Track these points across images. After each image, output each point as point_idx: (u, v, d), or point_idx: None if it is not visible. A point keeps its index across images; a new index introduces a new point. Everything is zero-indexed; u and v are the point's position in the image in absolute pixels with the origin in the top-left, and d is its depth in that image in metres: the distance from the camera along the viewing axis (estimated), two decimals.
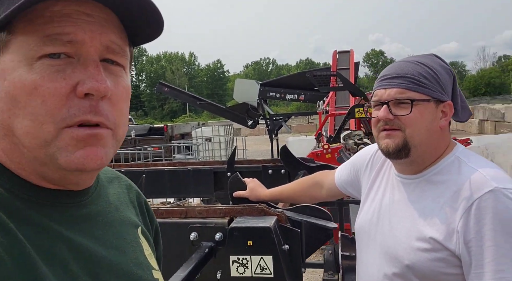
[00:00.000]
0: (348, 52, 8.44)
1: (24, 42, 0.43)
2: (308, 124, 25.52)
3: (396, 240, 0.99)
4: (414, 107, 0.95)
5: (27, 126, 0.44)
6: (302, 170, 2.33)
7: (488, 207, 0.86)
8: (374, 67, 68.93)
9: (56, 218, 0.48)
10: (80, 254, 0.48)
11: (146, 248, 0.61)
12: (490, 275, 0.84)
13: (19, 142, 0.45)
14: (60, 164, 0.46)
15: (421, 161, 1.00)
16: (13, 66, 0.43)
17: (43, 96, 0.43)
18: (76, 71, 0.45)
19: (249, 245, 1.33)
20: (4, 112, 0.45)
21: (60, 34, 0.44)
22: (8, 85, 0.44)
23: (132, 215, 0.62)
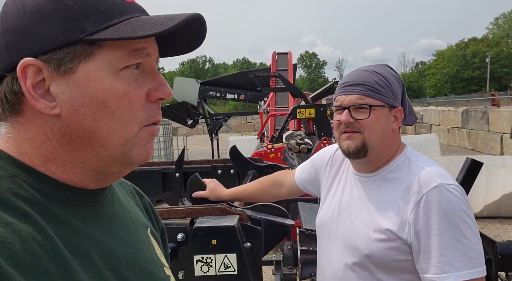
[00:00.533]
0: (287, 53, 8.65)
1: (114, 55, 0.49)
2: (246, 124, 25.79)
3: (356, 232, 1.09)
4: (371, 112, 1.05)
5: (114, 127, 0.50)
6: (252, 170, 2.39)
7: (434, 201, 0.97)
8: (308, 68, 71.65)
9: (80, 216, 0.51)
10: (102, 250, 0.51)
11: (157, 247, 0.64)
12: (435, 259, 0.96)
13: (95, 143, 0.50)
14: (132, 158, 0.53)
15: (377, 160, 1.11)
16: (101, 75, 0.49)
17: (131, 101, 0.50)
18: (146, 80, 0.53)
19: (213, 244, 1.36)
20: (87, 116, 0.49)
21: (141, 49, 0.51)
22: (95, 91, 0.49)
23: (141, 217, 0.65)
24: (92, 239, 0.50)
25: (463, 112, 13.96)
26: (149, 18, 0.50)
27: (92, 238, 0.51)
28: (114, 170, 0.54)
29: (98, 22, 0.48)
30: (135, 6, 0.52)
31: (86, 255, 0.48)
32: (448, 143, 14.64)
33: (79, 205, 0.52)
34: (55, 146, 0.50)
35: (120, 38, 0.48)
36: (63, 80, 0.48)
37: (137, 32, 0.48)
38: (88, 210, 0.53)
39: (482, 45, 49.54)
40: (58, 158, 0.50)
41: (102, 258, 0.50)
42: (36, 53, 0.47)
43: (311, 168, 1.37)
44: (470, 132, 13.31)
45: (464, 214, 0.97)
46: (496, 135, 11.57)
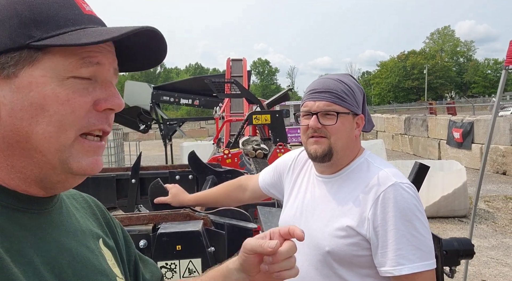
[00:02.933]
0: (241, 60, 8.72)
1: (60, 62, 0.49)
2: (200, 129, 25.51)
3: (318, 230, 1.13)
4: (338, 119, 1.11)
5: (51, 132, 0.49)
6: (210, 175, 2.39)
7: (390, 198, 1.04)
8: (260, 75, 72.61)
9: (24, 223, 0.50)
10: (47, 258, 0.50)
11: (109, 258, 0.63)
12: (391, 253, 1.03)
13: (32, 148, 0.50)
14: (71, 168, 0.52)
15: (340, 163, 1.17)
16: (44, 81, 0.49)
17: (73, 107, 0.50)
18: (97, 89, 0.53)
19: (177, 249, 1.35)
20: (24, 120, 0.49)
21: (90, 57, 0.51)
22: (36, 96, 0.48)
23: (93, 227, 0.64)
24: (36, 247, 0.50)
25: (405, 120, 14.90)
26: (100, 29, 0.51)
27: (36, 246, 0.50)
28: (57, 179, 0.53)
29: (47, 30, 0.49)
30: (92, 18, 0.53)
31: (29, 263, 0.48)
32: (393, 148, 15.53)
33: (24, 212, 0.51)
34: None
35: (64, 45, 0.48)
36: (6, 84, 0.48)
37: (82, 39, 0.48)
38: (34, 217, 0.52)
39: (420, 58, 53.36)
40: (1, 162, 0.50)
41: (47, 266, 0.50)
42: None
43: (274, 172, 1.41)
44: (412, 138, 14.23)
45: (417, 210, 1.05)
46: (435, 141, 12.48)
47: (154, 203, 1.60)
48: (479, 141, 10.02)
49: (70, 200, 0.64)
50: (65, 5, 0.51)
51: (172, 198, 1.56)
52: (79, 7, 0.52)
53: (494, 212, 6.16)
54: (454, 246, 1.54)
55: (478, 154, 9.99)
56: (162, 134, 8.80)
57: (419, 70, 51.78)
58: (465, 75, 54.31)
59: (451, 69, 55.10)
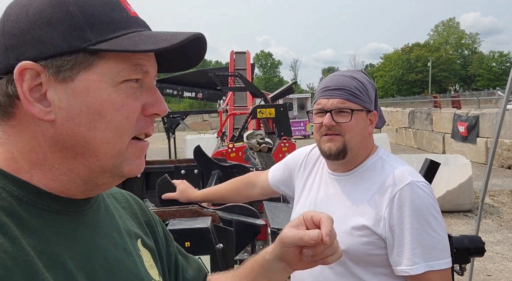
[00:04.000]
0: (245, 53, 8.66)
1: (114, 67, 0.49)
2: (203, 122, 25.51)
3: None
4: (352, 116, 1.10)
5: (108, 137, 0.50)
6: (216, 170, 2.38)
7: (407, 197, 1.03)
8: (263, 68, 72.34)
9: (60, 226, 0.50)
10: (81, 262, 0.49)
11: (147, 259, 0.62)
12: (408, 252, 1.03)
13: (87, 152, 0.50)
14: (123, 171, 0.53)
15: (354, 161, 1.15)
16: (100, 85, 0.49)
17: (128, 112, 0.51)
18: (144, 94, 0.53)
19: (186, 246, 1.34)
20: (82, 125, 0.48)
21: (141, 65, 0.51)
22: (93, 101, 0.48)
23: (132, 227, 0.64)
24: (69, 250, 0.49)
25: (409, 113, 14.82)
26: (152, 34, 0.51)
27: (70, 249, 0.49)
28: (104, 181, 0.53)
29: (101, 33, 0.48)
30: (139, 20, 0.53)
31: (62, 267, 0.47)
32: (396, 142, 15.48)
33: (60, 214, 0.50)
34: (46, 152, 0.49)
35: (122, 50, 0.48)
36: (61, 87, 0.48)
37: (140, 46, 0.48)
38: (69, 219, 0.52)
39: (425, 50, 52.96)
40: (47, 164, 0.49)
41: (81, 270, 0.49)
42: (36, 58, 0.47)
43: (284, 169, 1.39)
44: (416, 132, 14.17)
45: (433, 209, 1.04)
46: (439, 134, 12.42)
47: (162, 199, 1.59)
48: (484, 135, 9.95)
49: (110, 199, 0.64)
50: (114, 7, 0.50)
51: (180, 194, 1.55)
52: (126, 9, 0.52)
53: (499, 207, 6.14)
54: (465, 244, 1.52)
55: (483, 148, 9.93)
56: (165, 127, 8.79)
57: (423, 62, 51.44)
58: (470, 68, 53.92)
59: (456, 62, 54.75)
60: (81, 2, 0.48)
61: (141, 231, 0.65)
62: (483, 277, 3.85)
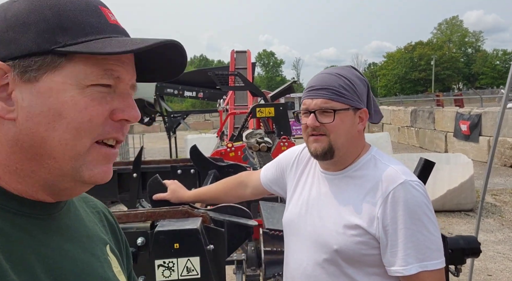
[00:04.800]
0: (245, 52, 8.65)
1: (83, 71, 0.49)
2: (204, 122, 25.54)
3: (325, 228, 1.10)
4: (336, 115, 1.07)
5: (67, 139, 0.49)
6: (213, 169, 2.36)
7: (400, 196, 1.01)
8: (265, 67, 72.25)
9: (28, 229, 0.50)
10: (49, 265, 0.49)
11: (115, 265, 0.62)
12: (401, 252, 1.01)
13: (46, 153, 0.49)
14: (83, 176, 0.51)
15: (344, 160, 1.13)
16: (64, 87, 0.49)
17: (91, 115, 0.50)
18: (115, 99, 0.52)
19: (175, 247, 1.32)
20: (41, 125, 0.48)
21: (111, 70, 0.51)
22: (55, 102, 0.48)
23: (101, 232, 0.64)
24: (38, 253, 0.49)
25: (411, 112, 14.75)
26: (125, 39, 0.51)
27: (39, 252, 0.49)
28: (66, 186, 0.52)
29: (73, 37, 0.49)
30: (117, 28, 0.53)
31: (30, 270, 0.47)
32: (398, 141, 15.42)
33: (28, 216, 0.51)
34: (8, 152, 0.49)
35: (88, 52, 0.48)
36: (26, 87, 0.48)
37: (106, 48, 0.48)
38: (38, 222, 0.52)
39: (428, 49, 52.70)
40: (10, 165, 0.50)
41: (48, 273, 0.49)
42: (4, 58, 0.48)
43: (276, 168, 1.37)
44: (418, 131, 14.11)
45: (426, 208, 1.02)
46: (441, 133, 12.35)
47: (153, 200, 1.57)
48: (487, 134, 9.89)
49: (80, 203, 0.64)
50: (92, 14, 0.51)
51: (171, 194, 1.53)
52: (105, 16, 0.53)
53: (501, 206, 6.09)
54: (460, 245, 1.50)
55: (485, 147, 9.87)
56: (166, 127, 8.80)
57: (426, 61, 51.19)
58: (473, 66, 53.64)
59: (459, 60, 54.43)
60: (58, 7, 0.49)
61: (108, 238, 0.65)
62: (483, 276, 3.81)
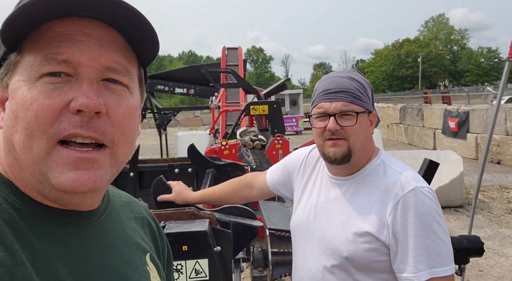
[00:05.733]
0: (237, 49, 8.59)
1: (28, 63, 0.46)
2: (194, 118, 25.37)
3: (335, 235, 1.10)
4: (358, 119, 1.07)
5: (23, 141, 0.45)
6: (210, 168, 2.35)
7: (411, 203, 1.01)
8: (255, 63, 72.05)
9: (57, 237, 0.48)
10: (77, 274, 0.48)
11: (154, 275, 0.60)
12: (411, 259, 1.01)
13: (19, 158, 0.47)
14: (52, 183, 0.46)
15: (357, 164, 1.12)
16: (18, 85, 0.46)
17: (36, 111, 0.44)
18: (73, 88, 0.46)
19: (184, 250, 1.31)
20: (9, 128, 0.47)
21: (56, 53, 0.45)
22: (14, 103, 0.46)
23: (141, 241, 0.61)
24: (64, 260, 0.47)
25: (400, 109, 14.91)
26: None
27: (65, 258, 0.47)
28: (52, 195, 0.48)
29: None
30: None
31: (55, 275, 0.45)
32: (387, 137, 15.58)
33: (61, 225, 0.49)
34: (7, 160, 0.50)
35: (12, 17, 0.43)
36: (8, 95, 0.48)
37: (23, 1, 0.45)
38: (69, 231, 0.50)
39: (415, 46, 53.24)
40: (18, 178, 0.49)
41: (74, 279, 0.47)
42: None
43: (283, 171, 1.36)
44: (407, 128, 14.27)
45: (437, 215, 1.02)
46: (430, 130, 12.52)
47: (157, 201, 1.55)
48: (474, 131, 10.06)
49: (124, 209, 0.62)
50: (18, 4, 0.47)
51: (176, 196, 1.52)
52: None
53: (489, 202, 6.22)
54: (464, 244, 1.52)
55: (473, 144, 10.05)
56: (157, 124, 8.71)
57: (414, 58, 51.76)
58: (459, 63, 54.42)
59: (445, 57, 55.17)
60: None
61: (150, 246, 0.63)
62: (475, 272, 3.89)
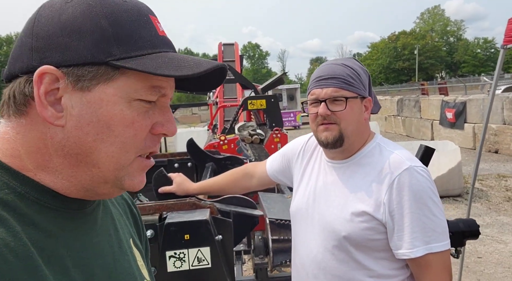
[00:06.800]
0: (233, 44, 8.56)
1: (133, 85, 0.49)
2: (192, 115, 25.36)
3: (333, 216, 1.13)
4: (347, 104, 1.10)
5: (114, 151, 0.50)
6: (210, 162, 2.37)
7: (405, 182, 1.04)
8: (251, 59, 71.93)
9: (60, 223, 0.50)
10: (78, 260, 0.50)
11: (139, 259, 0.63)
12: (407, 236, 1.04)
13: (91, 162, 0.50)
14: (123, 185, 0.53)
15: (351, 148, 1.15)
16: (115, 100, 0.49)
17: (137, 130, 0.51)
18: (156, 113, 0.53)
19: (186, 238, 1.34)
20: (89, 135, 0.49)
21: (160, 87, 0.51)
22: (105, 114, 0.49)
23: (126, 225, 0.64)
24: (69, 248, 0.50)
25: (398, 101, 14.95)
26: (176, 57, 0.51)
27: (69, 246, 0.50)
28: (105, 191, 0.53)
29: (127, 49, 0.49)
30: (165, 40, 0.53)
31: (61, 264, 0.48)
32: (386, 130, 15.63)
33: (61, 211, 0.51)
34: (52, 155, 0.50)
35: (144, 71, 0.48)
36: (77, 96, 0.48)
37: (162, 69, 0.48)
38: (70, 217, 0.52)
39: (411, 38, 53.26)
40: (51, 167, 0.50)
41: (78, 268, 0.50)
42: (58, 64, 0.47)
43: (282, 159, 1.39)
44: (405, 120, 14.32)
45: (431, 193, 1.06)
46: (427, 122, 12.57)
47: (159, 193, 1.58)
48: (471, 121, 10.11)
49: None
50: (144, 25, 0.51)
51: (177, 187, 1.54)
52: (155, 27, 0.52)
53: (487, 191, 6.27)
54: (460, 227, 1.55)
55: (471, 134, 10.10)
56: None
57: (410, 50, 51.79)
58: (455, 54, 54.48)
59: (442, 49, 55.25)
60: (113, 17, 0.49)
61: (133, 231, 0.66)
62: (474, 259, 3.94)
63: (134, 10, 0.50)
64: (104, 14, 0.48)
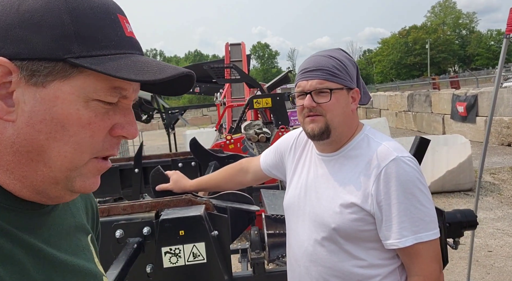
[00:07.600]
0: (240, 44, 8.60)
1: (92, 84, 0.48)
2: (202, 117, 25.49)
3: (323, 208, 1.14)
4: (332, 95, 1.10)
5: (67, 151, 0.48)
6: (213, 161, 2.40)
7: (392, 172, 1.05)
8: (261, 59, 71.91)
9: (17, 223, 0.49)
10: (37, 259, 0.49)
11: (95, 255, 0.63)
12: (396, 226, 1.05)
13: (42, 161, 0.48)
14: (74, 186, 0.51)
15: (339, 140, 1.15)
16: (71, 98, 0.47)
17: (93, 131, 0.49)
18: (116, 115, 0.51)
19: (181, 234, 1.36)
20: (41, 133, 0.47)
21: (121, 88, 0.50)
22: (59, 112, 0.47)
23: (85, 222, 0.64)
24: (27, 247, 0.49)
25: (408, 96, 14.76)
26: (140, 60, 0.50)
27: (28, 246, 0.49)
28: (56, 194, 0.51)
29: (88, 48, 0.46)
30: (132, 42, 0.51)
31: (18, 264, 0.47)
32: (396, 126, 15.45)
33: (17, 211, 0.50)
34: (1, 151, 0.48)
35: (102, 72, 0.46)
36: (30, 91, 0.46)
37: (122, 72, 0.46)
38: (27, 217, 0.51)
39: (422, 32, 52.40)
40: (2, 165, 0.48)
41: (36, 266, 0.49)
42: (12, 56, 0.45)
43: (275, 153, 1.40)
44: (416, 115, 14.13)
45: (419, 183, 1.06)
46: (438, 116, 12.38)
47: (156, 191, 1.61)
48: (483, 114, 9.93)
49: None
50: (110, 24, 0.49)
51: (174, 184, 1.56)
52: (123, 27, 0.50)
53: (499, 184, 6.15)
54: (457, 218, 1.54)
55: (482, 127, 9.91)
56: (164, 124, 8.81)
57: (421, 45, 51.01)
58: (468, 47, 53.46)
59: (454, 42, 54.25)
60: (77, 13, 0.46)
61: (90, 226, 0.66)
62: (484, 253, 3.88)
63: (101, 7, 0.48)
64: (67, 9, 0.46)
